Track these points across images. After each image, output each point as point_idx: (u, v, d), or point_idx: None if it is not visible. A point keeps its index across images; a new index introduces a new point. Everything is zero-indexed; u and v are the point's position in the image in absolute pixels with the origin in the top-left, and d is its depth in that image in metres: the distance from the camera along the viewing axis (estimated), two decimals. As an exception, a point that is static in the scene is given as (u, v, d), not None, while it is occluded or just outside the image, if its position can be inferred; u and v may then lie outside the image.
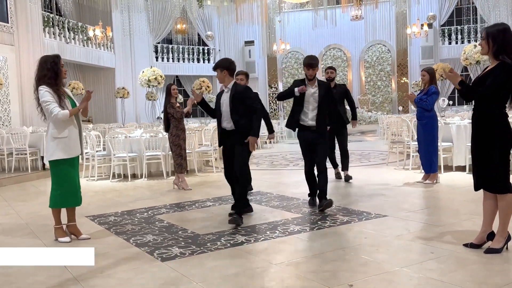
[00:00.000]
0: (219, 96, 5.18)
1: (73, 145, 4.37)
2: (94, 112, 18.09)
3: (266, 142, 15.08)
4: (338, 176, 7.55)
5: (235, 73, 5.30)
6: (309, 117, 5.30)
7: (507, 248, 3.56)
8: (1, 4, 13.73)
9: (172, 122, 7.21)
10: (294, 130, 5.50)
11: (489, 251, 3.52)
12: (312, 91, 5.31)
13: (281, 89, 23.32)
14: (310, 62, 5.27)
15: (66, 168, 4.37)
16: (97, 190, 7.54)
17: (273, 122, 18.27)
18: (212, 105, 5.33)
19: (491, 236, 3.61)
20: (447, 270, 3.25)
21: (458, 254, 3.54)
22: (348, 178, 7.33)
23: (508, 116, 3.49)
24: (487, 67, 3.62)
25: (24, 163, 10.16)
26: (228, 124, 4.99)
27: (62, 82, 4.44)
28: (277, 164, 10.48)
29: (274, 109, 23.44)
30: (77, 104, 4.48)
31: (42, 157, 9.95)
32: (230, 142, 5.02)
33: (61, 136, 4.31)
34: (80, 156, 4.53)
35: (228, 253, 3.81)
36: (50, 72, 4.32)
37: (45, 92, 4.27)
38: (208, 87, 16.90)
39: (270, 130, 6.78)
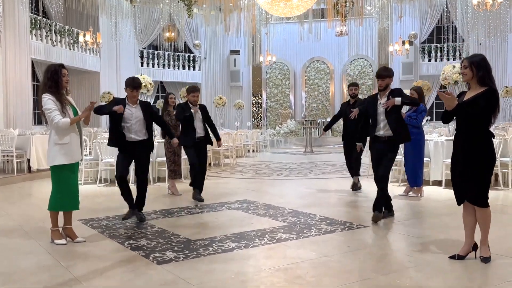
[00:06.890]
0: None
1: (74, 151, 4.56)
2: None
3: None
4: (355, 187, 7.78)
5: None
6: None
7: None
8: (-11, 5, 13.76)
9: None
10: None
11: (485, 260, 3.81)
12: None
13: (265, 98, 23.65)
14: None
15: (66, 173, 4.56)
16: (86, 195, 7.66)
17: (257, 131, 18.65)
18: None
19: (475, 246, 3.92)
20: (424, 277, 3.53)
21: (437, 264, 3.84)
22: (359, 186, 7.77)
23: (494, 136, 3.83)
24: (465, 91, 3.94)
25: (10, 165, 10.21)
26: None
27: (63, 90, 4.61)
28: (261, 173, 10.74)
29: (260, 117, 23.70)
30: (79, 112, 4.67)
31: (28, 160, 10.02)
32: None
33: (63, 142, 4.49)
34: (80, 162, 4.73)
35: (221, 258, 4.04)
36: (50, 81, 4.51)
37: (48, 100, 4.46)
38: None
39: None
